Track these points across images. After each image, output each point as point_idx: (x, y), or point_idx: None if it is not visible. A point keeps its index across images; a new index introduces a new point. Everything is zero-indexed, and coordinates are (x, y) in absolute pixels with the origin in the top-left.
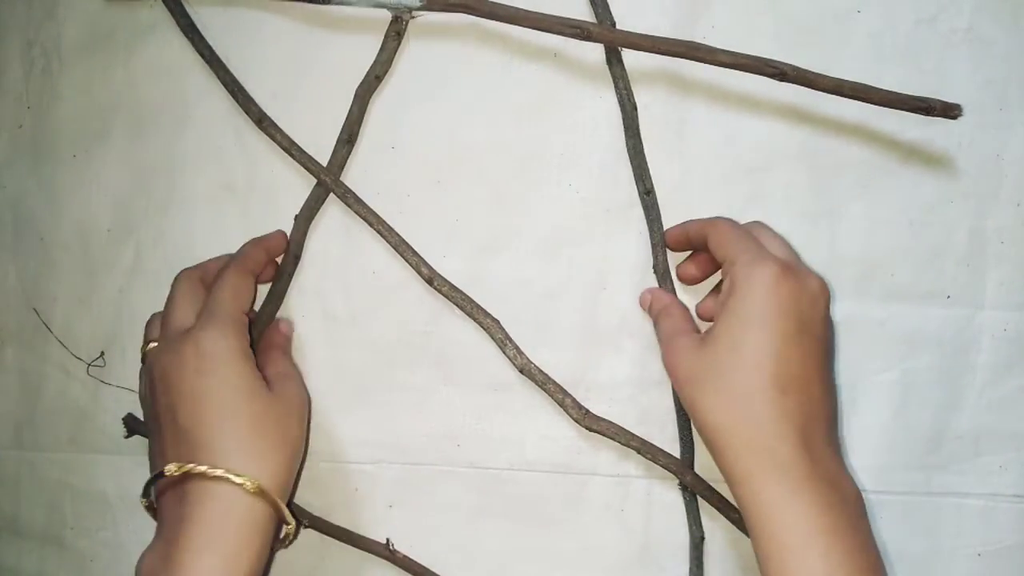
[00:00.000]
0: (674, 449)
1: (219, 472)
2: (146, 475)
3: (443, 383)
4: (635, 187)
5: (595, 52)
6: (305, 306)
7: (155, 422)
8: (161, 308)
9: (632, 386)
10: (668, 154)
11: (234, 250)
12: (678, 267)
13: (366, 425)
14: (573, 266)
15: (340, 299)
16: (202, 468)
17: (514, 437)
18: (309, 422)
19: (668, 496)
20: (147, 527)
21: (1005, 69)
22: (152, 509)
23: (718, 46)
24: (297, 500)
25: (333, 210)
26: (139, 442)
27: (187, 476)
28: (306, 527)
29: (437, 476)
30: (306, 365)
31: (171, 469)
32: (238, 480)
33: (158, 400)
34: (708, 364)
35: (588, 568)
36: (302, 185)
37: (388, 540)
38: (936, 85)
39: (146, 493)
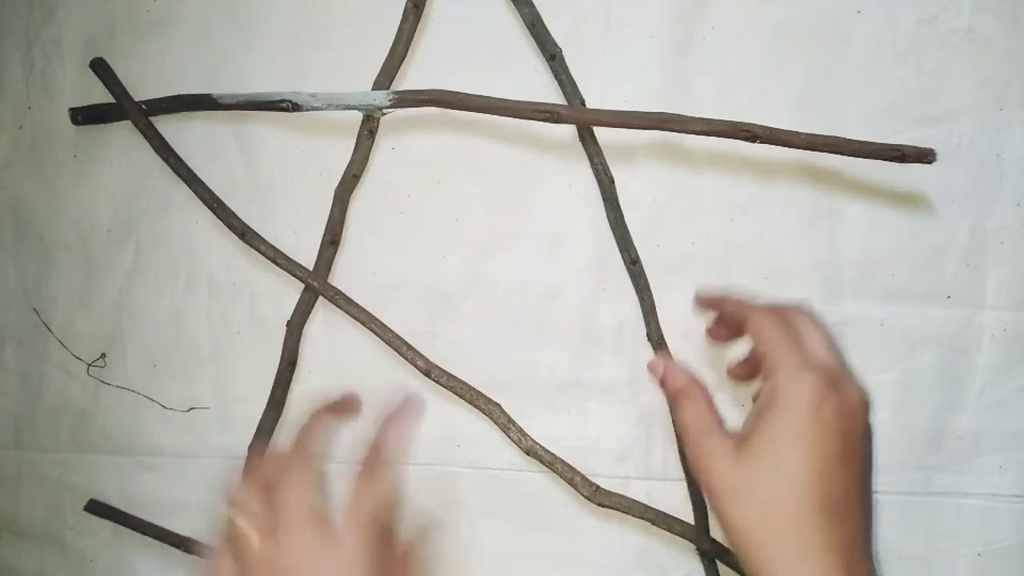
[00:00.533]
0: (676, 450)
1: None
2: (145, 476)
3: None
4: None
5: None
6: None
7: None
8: (162, 309)
9: (632, 386)
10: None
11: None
12: (708, 328)
13: (366, 425)
14: (573, 266)
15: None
16: None
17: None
18: None
19: (668, 497)
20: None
21: (1005, 69)
22: None
23: (717, 46)
24: None
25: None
26: (139, 441)
27: None
28: None
29: (437, 476)
30: (306, 365)
31: None
32: None
33: None
34: (747, 480)
35: (588, 568)
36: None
37: None
38: (936, 85)
39: None
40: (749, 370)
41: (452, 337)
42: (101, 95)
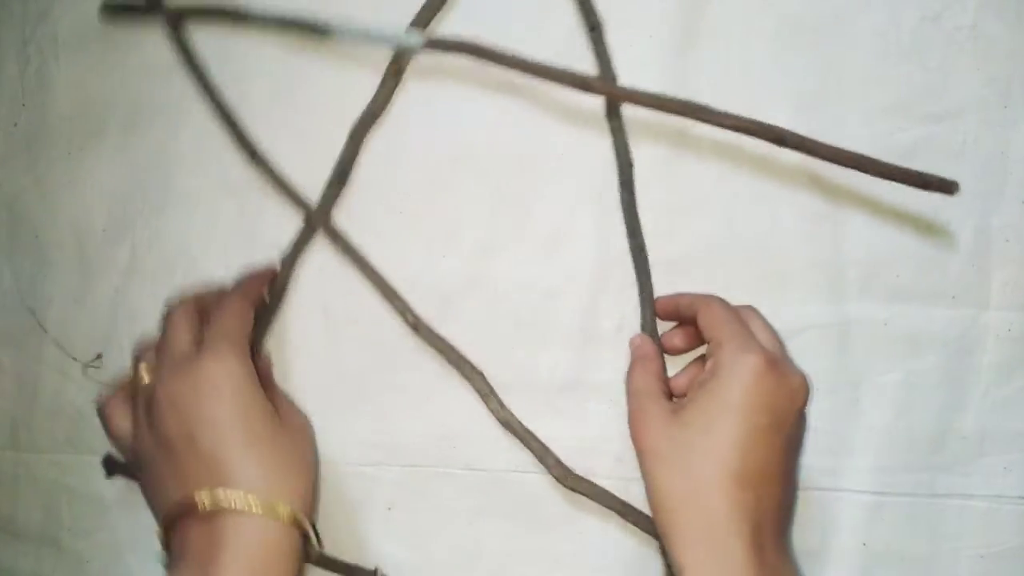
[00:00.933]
0: None
1: (256, 504)
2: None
3: (443, 384)
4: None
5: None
6: (304, 305)
7: (165, 450)
8: (158, 309)
9: None
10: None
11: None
12: (663, 336)
13: (365, 426)
14: (573, 266)
15: (340, 299)
16: (238, 496)
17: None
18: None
19: None
20: (144, 528)
21: (1010, 66)
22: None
23: (717, 45)
24: None
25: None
26: None
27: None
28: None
29: (436, 478)
30: (306, 365)
31: (204, 502)
32: (277, 510)
33: (168, 427)
34: (676, 443)
35: (588, 570)
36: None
37: (377, 570)
38: (940, 82)
39: (169, 524)
40: (685, 340)
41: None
42: (94, 96)
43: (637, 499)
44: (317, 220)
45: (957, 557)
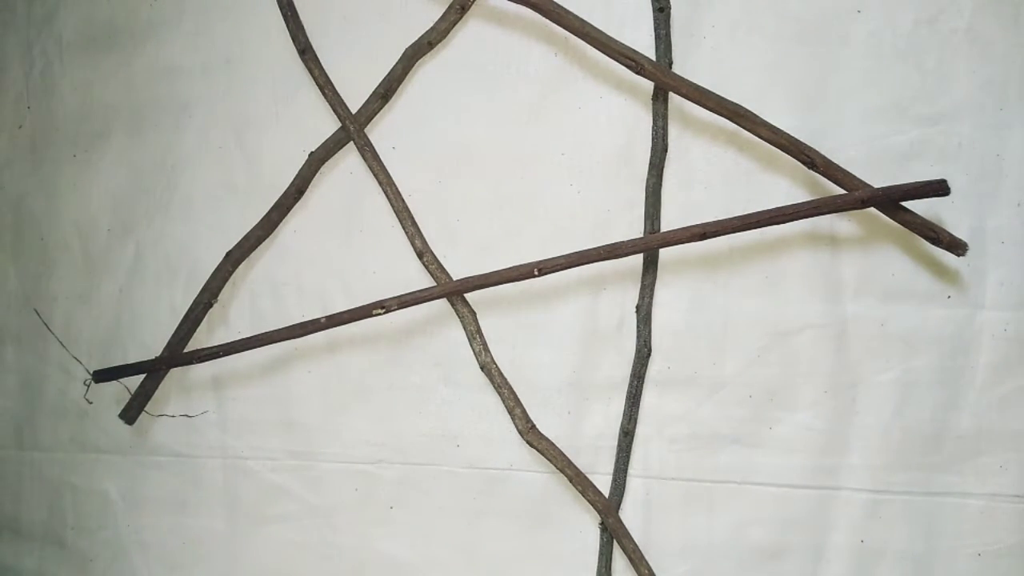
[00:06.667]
0: (672, 448)
1: None
2: (146, 474)
3: (443, 383)
4: (637, 186)
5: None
6: (305, 305)
7: None
8: (162, 309)
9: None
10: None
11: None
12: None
13: (366, 425)
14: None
15: (341, 298)
16: None
17: (513, 437)
18: None
19: (665, 495)
20: (147, 527)
21: (1005, 69)
22: None
23: (717, 46)
24: (299, 500)
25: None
26: (139, 440)
27: None
28: None
29: (437, 476)
30: (307, 365)
31: None
32: None
33: None
34: None
35: (588, 568)
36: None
37: None
38: (936, 85)
39: None
40: None
41: (452, 337)
42: (99, 98)
43: (636, 495)
44: (353, 128)
45: (954, 555)
